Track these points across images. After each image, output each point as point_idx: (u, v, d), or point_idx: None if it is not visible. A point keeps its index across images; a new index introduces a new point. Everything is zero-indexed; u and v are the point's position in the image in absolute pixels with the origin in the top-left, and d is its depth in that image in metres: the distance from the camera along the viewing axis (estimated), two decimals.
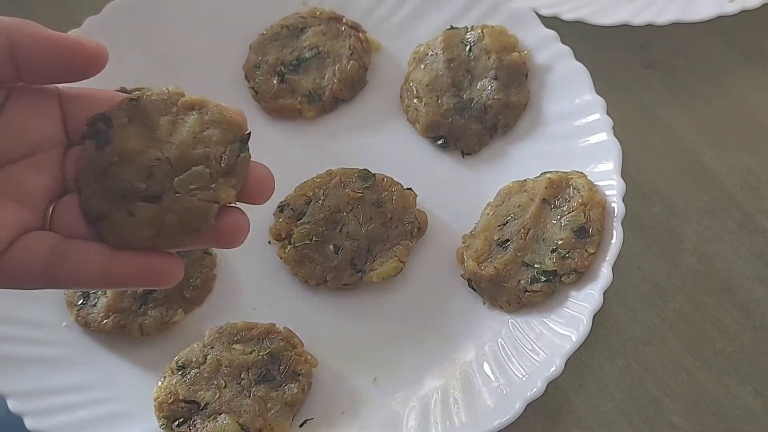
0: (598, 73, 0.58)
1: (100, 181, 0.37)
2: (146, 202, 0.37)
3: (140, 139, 0.37)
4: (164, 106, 0.38)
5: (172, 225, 0.36)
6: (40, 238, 0.37)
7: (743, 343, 0.54)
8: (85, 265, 0.36)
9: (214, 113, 0.37)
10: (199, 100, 0.38)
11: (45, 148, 0.38)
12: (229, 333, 0.51)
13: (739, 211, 0.58)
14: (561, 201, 0.53)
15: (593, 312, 0.49)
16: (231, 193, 0.37)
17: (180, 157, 0.37)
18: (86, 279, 0.36)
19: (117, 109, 0.38)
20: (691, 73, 0.65)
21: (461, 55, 0.60)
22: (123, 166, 0.37)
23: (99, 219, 0.37)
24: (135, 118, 0.38)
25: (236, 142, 0.37)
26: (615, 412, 0.52)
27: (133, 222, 0.36)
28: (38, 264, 0.36)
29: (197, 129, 0.37)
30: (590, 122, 0.56)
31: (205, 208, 0.36)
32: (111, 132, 0.37)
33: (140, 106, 0.38)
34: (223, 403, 0.49)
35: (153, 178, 0.37)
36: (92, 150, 0.37)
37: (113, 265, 0.36)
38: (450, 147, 0.59)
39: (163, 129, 0.37)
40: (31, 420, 0.48)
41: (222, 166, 0.37)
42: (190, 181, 0.37)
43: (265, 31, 0.63)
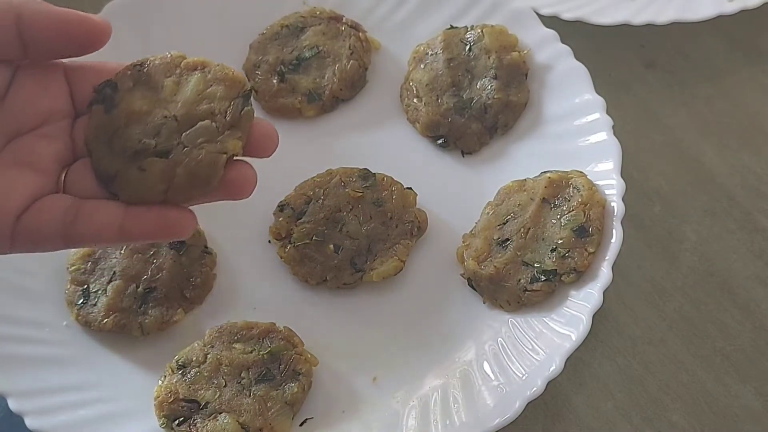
0: (598, 73, 0.58)
1: (110, 143, 0.39)
2: (156, 157, 0.38)
3: (146, 101, 0.39)
4: (168, 69, 0.39)
5: (182, 177, 0.38)
6: (55, 200, 0.38)
7: (743, 343, 0.54)
8: (101, 222, 0.38)
9: (216, 71, 0.39)
10: (200, 61, 0.40)
11: (54, 119, 0.39)
12: (230, 332, 0.51)
13: (739, 210, 0.58)
14: (561, 200, 0.53)
15: (593, 311, 0.49)
16: (238, 144, 0.38)
17: (186, 114, 0.38)
18: (103, 235, 0.38)
19: (122, 76, 0.39)
20: (691, 72, 0.65)
21: (461, 54, 0.60)
22: (131, 127, 0.39)
23: (111, 178, 0.38)
24: (140, 82, 0.39)
25: (239, 97, 0.38)
26: (615, 412, 0.52)
27: (145, 177, 0.38)
28: (56, 224, 0.38)
29: (201, 87, 0.39)
30: (590, 122, 0.56)
31: (213, 159, 0.37)
32: (117, 96, 0.39)
33: (144, 70, 0.39)
34: (224, 402, 0.49)
35: (161, 135, 0.38)
36: (101, 114, 0.39)
37: (128, 220, 0.38)
38: (450, 146, 0.59)
39: (167, 89, 0.39)
40: (31, 419, 0.48)
41: (227, 119, 0.38)
42: (198, 135, 0.38)
43: (265, 30, 0.63)
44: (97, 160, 0.39)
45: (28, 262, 0.54)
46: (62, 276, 0.54)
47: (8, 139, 0.38)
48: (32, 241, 0.38)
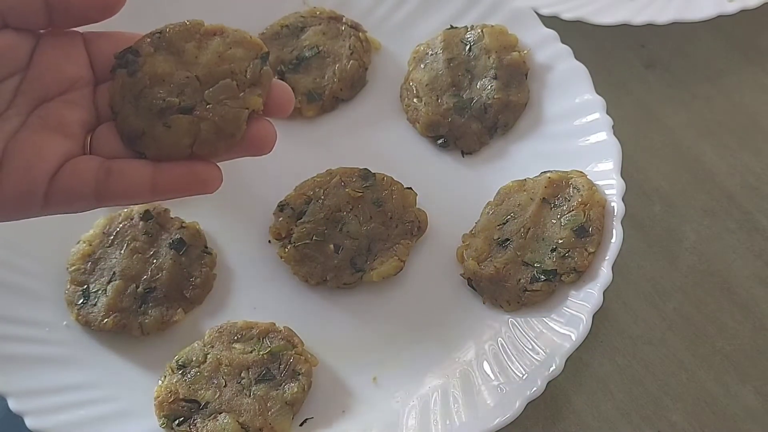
0: (598, 73, 0.58)
1: (135, 103, 0.40)
2: (180, 113, 0.40)
3: (168, 63, 0.41)
4: (187, 35, 0.41)
5: (207, 132, 0.39)
6: (86, 161, 0.40)
7: (743, 343, 0.54)
8: (132, 179, 0.40)
9: (235, 36, 0.41)
10: (219, 27, 0.42)
11: (77, 86, 0.41)
12: (229, 332, 0.51)
13: (739, 210, 0.58)
14: (561, 200, 0.53)
15: (593, 311, 0.49)
16: (258, 101, 0.40)
17: (208, 74, 0.40)
18: (135, 191, 0.40)
19: (142, 42, 0.41)
20: (691, 72, 0.65)
21: (461, 54, 0.60)
22: (155, 87, 0.40)
23: (138, 136, 0.40)
24: (161, 47, 0.41)
25: (258, 58, 0.41)
26: (615, 411, 0.52)
27: (171, 133, 0.40)
28: (88, 183, 0.39)
29: (221, 49, 0.41)
30: (590, 121, 0.56)
31: (236, 113, 0.40)
32: (140, 60, 0.41)
33: (164, 37, 0.41)
34: (224, 402, 0.49)
35: (185, 94, 0.40)
36: (124, 77, 0.41)
37: (158, 175, 0.40)
38: (450, 146, 0.59)
39: (188, 53, 0.41)
40: (31, 419, 0.48)
41: (247, 77, 0.40)
42: (220, 92, 0.40)
43: (265, 30, 0.63)
44: (123, 119, 0.40)
45: (28, 262, 0.54)
46: (62, 276, 0.54)
47: (35, 105, 0.40)
48: (66, 200, 0.39)
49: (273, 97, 0.41)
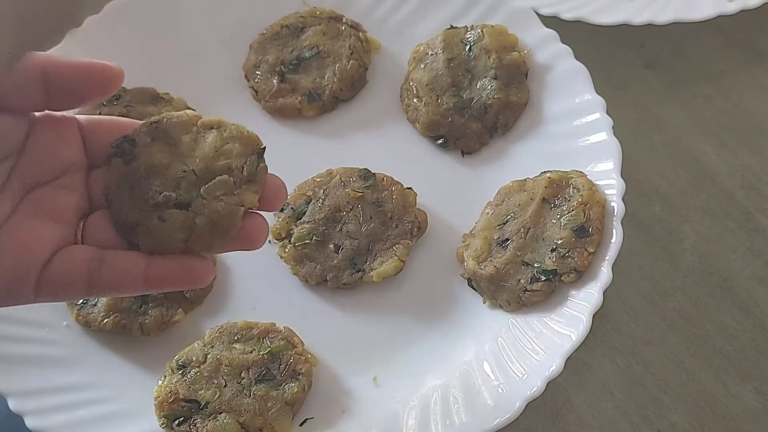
0: (598, 73, 0.58)
1: (131, 193, 0.40)
2: (176, 208, 0.39)
3: (165, 155, 0.40)
4: (184, 127, 0.41)
5: (203, 227, 0.39)
6: (78, 250, 0.39)
7: (743, 342, 0.54)
8: (125, 271, 0.38)
9: (232, 130, 0.41)
10: (216, 121, 0.41)
11: (71, 171, 0.40)
12: (230, 332, 0.51)
13: (739, 210, 0.58)
14: (561, 200, 0.53)
15: (593, 311, 0.49)
16: (254, 197, 0.39)
17: (204, 169, 0.40)
18: (127, 284, 0.39)
19: (139, 132, 0.40)
20: (691, 72, 0.65)
21: (461, 54, 0.60)
22: (151, 179, 0.40)
23: (132, 227, 0.39)
24: (158, 138, 0.40)
25: (254, 154, 0.40)
26: (615, 411, 0.52)
27: (166, 227, 0.39)
28: (80, 274, 0.38)
29: (218, 144, 0.40)
30: (590, 121, 0.56)
31: (232, 210, 0.39)
32: (136, 150, 0.40)
33: (161, 127, 0.41)
34: (224, 402, 0.49)
35: (181, 188, 0.40)
36: (120, 166, 0.40)
37: (151, 268, 0.39)
38: (450, 146, 0.59)
39: (185, 145, 0.40)
40: (31, 419, 0.48)
41: (244, 174, 0.40)
42: (216, 188, 0.40)
43: (265, 30, 0.63)
44: (117, 209, 0.40)
45: None
46: None
47: (28, 189, 0.39)
48: (58, 289, 0.38)
49: (267, 192, 0.40)
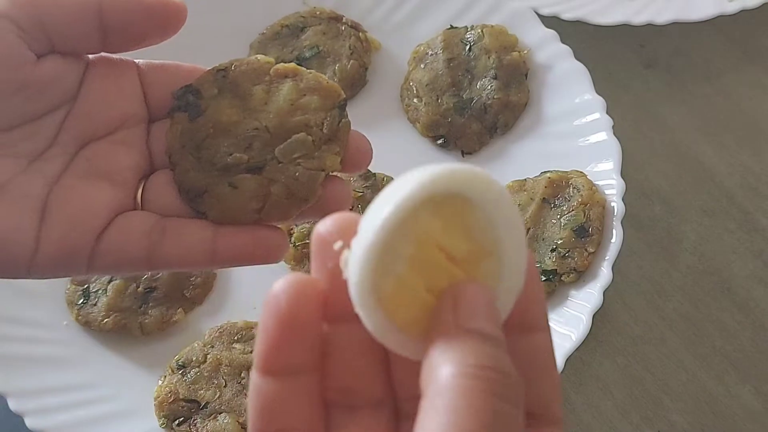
0: (598, 73, 0.58)
1: (197, 155, 0.35)
2: (248, 173, 0.35)
3: (234, 110, 0.35)
4: (255, 76, 0.36)
5: (278, 196, 0.35)
6: (138, 217, 0.34)
7: (743, 342, 0.53)
8: (189, 244, 0.34)
9: (309, 80, 0.36)
10: (292, 68, 0.36)
11: (129, 124, 0.35)
12: (230, 332, 0.51)
13: (739, 210, 0.58)
14: (561, 200, 0.52)
15: (593, 311, 0.49)
16: (336, 160, 0.35)
17: (279, 126, 0.35)
18: (191, 258, 0.34)
19: (204, 80, 0.36)
20: (691, 72, 0.65)
21: (461, 54, 0.59)
22: (219, 138, 0.35)
23: (198, 194, 0.35)
24: (225, 89, 0.36)
25: (336, 108, 0.35)
26: (615, 411, 0.52)
27: (237, 195, 0.35)
28: (140, 245, 0.34)
29: (294, 96, 0.35)
30: (590, 121, 0.56)
31: (311, 176, 0.34)
32: (202, 103, 0.35)
33: (229, 76, 0.36)
34: (224, 402, 0.49)
35: (253, 149, 0.35)
36: (185, 122, 0.35)
37: (219, 241, 0.34)
38: (450, 146, 0.59)
39: (257, 98, 0.35)
40: (31, 419, 0.48)
41: (324, 132, 0.35)
42: (293, 149, 0.35)
43: (265, 30, 0.63)
44: (182, 173, 0.35)
45: None
46: None
47: (81, 145, 0.35)
48: (114, 263, 0.34)
49: (349, 151, 0.35)
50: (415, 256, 0.23)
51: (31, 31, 0.33)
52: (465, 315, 0.22)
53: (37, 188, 0.33)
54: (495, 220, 0.23)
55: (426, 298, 0.23)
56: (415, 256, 0.23)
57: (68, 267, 0.33)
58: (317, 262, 0.24)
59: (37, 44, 0.33)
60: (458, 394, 0.21)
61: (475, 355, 0.22)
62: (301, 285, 0.24)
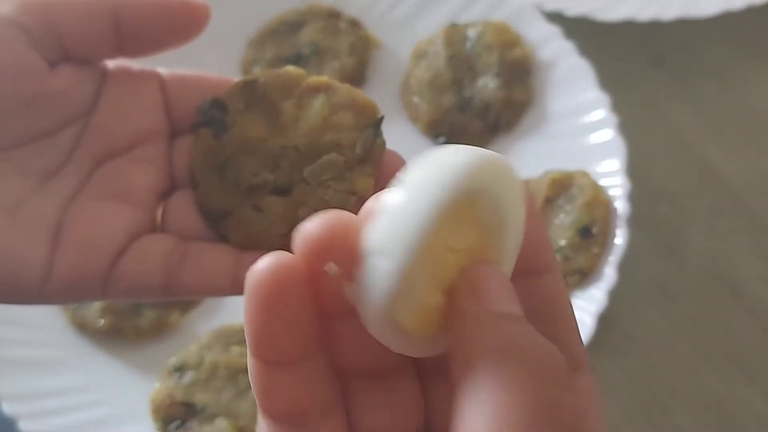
0: (603, 70, 0.57)
1: (221, 174, 0.33)
2: (275, 195, 0.33)
3: (262, 126, 0.33)
4: (285, 89, 0.34)
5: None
6: (156, 240, 0.33)
7: (751, 345, 0.53)
8: (210, 270, 0.32)
9: (343, 95, 0.34)
10: (325, 82, 0.34)
11: (150, 139, 0.34)
12: (227, 335, 0.51)
13: (747, 210, 0.58)
14: (564, 200, 0.52)
15: (598, 313, 0.48)
16: (369, 182, 0.33)
17: (309, 145, 0.33)
18: (213, 286, 0.32)
19: (231, 94, 0.34)
20: (698, 70, 0.64)
21: (463, 51, 0.59)
22: (245, 156, 0.33)
23: (221, 217, 0.33)
24: (253, 103, 0.34)
25: (370, 127, 0.34)
26: (620, 416, 0.51)
27: (262, 218, 0.33)
28: (158, 271, 0.32)
29: (326, 113, 0.33)
30: (595, 120, 0.55)
31: (342, 199, 0.32)
32: (228, 119, 0.33)
33: (258, 89, 0.34)
34: (221, 405, 0.49)
35: (281, 169, 0.33)
36: (209, 139, 0.33)
37: (242, 268, 0.31)
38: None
39: (286, 114, 0.33)
40: (25, 423, 0.48)
41: (356, 152, 0.33)
42: (323, 170, 0.33)
43: (263, 27, 0.62)
44: (204, 193, 0.33)
45: None
46: None
47: (98, 162, 0.33)
48: (130, 289, 0.32)
49: (383, 173, 0.33)
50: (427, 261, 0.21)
51: (43, 38, 0.31)
52: (488, 299, 0.21)
53: (51, 209, 0.32)
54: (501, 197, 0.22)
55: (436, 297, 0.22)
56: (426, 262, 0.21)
57: (82, 292, 0.32)
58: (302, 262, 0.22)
59: (50, 52, 0.31)
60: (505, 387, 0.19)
61: (513, 340, 0.20)
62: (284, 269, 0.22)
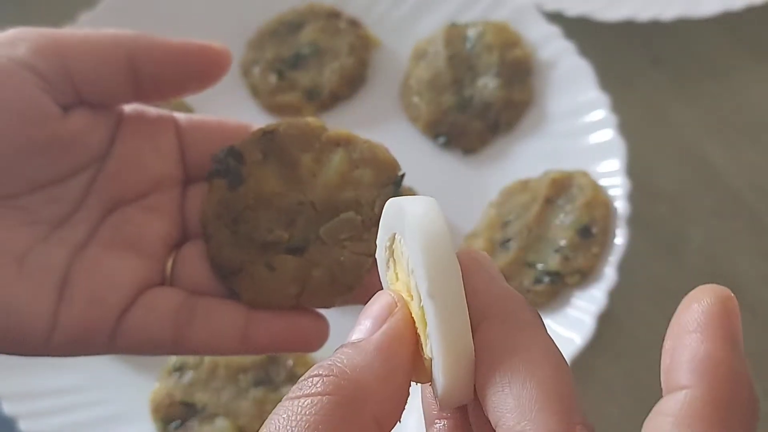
0: (603, 70, 0.57)
1: (233, 228, 0.32)
2: (288, 253, 0.32)
3: (279, 179, 0.32)
4: (305, 141, 0.33)
5: (320, 281, 0.32)
6: (165, 295, 0.32)
7: (750, 344, 0.52)
8: (219, 328, 0.31)
9: (363, 150, 0.32)
10: (345, 135, 0.33)
11: (162, 187, 0.33)
12: None
13: (747, 210, 0.58)
14: (564, 200, 0.52)
15: (598, 314, 0.48)
16: None
17: (326, 201, 0.32)
18: (221, 344, 0.32)
19: (249, 143, 0.33)
20: (697, 69, 0.64)
21: (463, 51, 0.59)
22: (260, 211, 0.32)
23: (232, 273, 0.32)
24: (271, 154, 0.33)
25: (390, 185, 0.32)
26: (620, 416, 0.51)
27: (274, 277, 0.32)
28: (166, 326, 0.31)
29: (345, 168, 0.32)
30: (594, 120, 0.55)
31: (358, 261, 0.31)
32: (244, 169, 0.32)
33: (276, 140, 0.33)
34: (221, 405, 0.48)
35: (296, 226, 0.32)
36: (223, 190, 0.32)
37: (252, 327, 0.32)
38: (451, 145, 0.59)
39: (304, 168, 0.32)
40: (25, 422, 0.48)
41: (374, 211, 0.32)
42: (340, 229, 0.32)
43: (263, 27, 0.62)
44: (216, 247, 0.32)
45: None
46: None
47: (108, 209, 0.32)
48: (137, 344, 0.31)
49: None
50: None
51: (57, 83, 0.30)
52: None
53: (58, 259, 0.31)
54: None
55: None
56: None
57: (88, 346, 0.31)
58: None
59: (63, 96, 0.31)
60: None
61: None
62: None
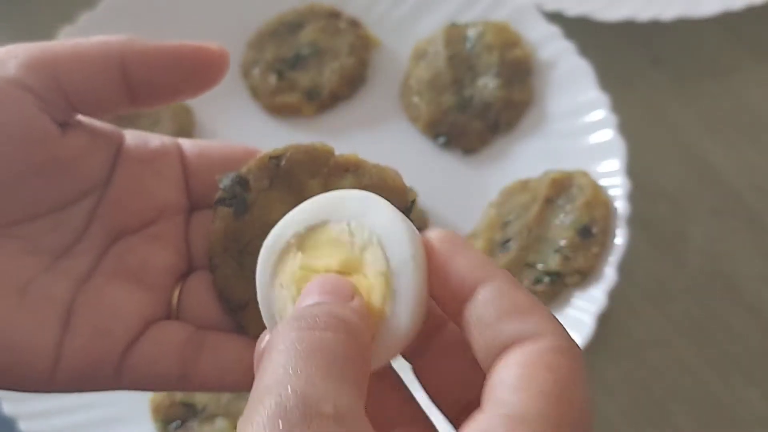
0: (603, 70, 0.57)
1: (240, 259, 0.31)
2: None
3: (285, 207, 0.30)
4: (312, 166, 0.32)
5: None
6: (172, 329, 0.31)
7: (750, 345, 0.53)
8: (227, 364, 0.30)
9: (372, 176, 0.32)
10: (354, 160, 0.32)
11: (166, 215, 0.32)
12: None
13: (747, 210, 0.58)
14: (564, 200, 0.52)
15: (597, 313, 0.48)
16: None
17: None
18: (228, 380, 0.31)
19: (255, 170, 0.32)
20: (697, 69, 0.64)
21: (463, 51, 0.59)
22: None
23: (239, 306, 0.31)
24: (278, 180, 0.32)
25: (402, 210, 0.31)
26: (619, 416, 0.51)
27: None
28: (173, 362, 0.30)
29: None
30: (595, 120, 0.55)
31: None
32: (250, 197, 0.31)
33: (284, 165, 0.32)
34: (221, 406, 0.48)
35: None
36: (228, 218, 0.31)
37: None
38: (451, 145, 0.58)
39: (312, 194, 0.31)
40: (25, 423, 0.48)
41: None
42: None
43: (263, 27, 0.62)
44: (222, 279, 0.31)
45: None
46: None
47: (112, 239, 0.31)
48: (143, 379, 0.30)
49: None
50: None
51: (51, 98, 0.29)
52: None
53: (61, 290, 0.30)
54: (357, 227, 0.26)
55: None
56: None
57: (92, 381, 0.30)
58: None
59: (59, 112, 0.30)
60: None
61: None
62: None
